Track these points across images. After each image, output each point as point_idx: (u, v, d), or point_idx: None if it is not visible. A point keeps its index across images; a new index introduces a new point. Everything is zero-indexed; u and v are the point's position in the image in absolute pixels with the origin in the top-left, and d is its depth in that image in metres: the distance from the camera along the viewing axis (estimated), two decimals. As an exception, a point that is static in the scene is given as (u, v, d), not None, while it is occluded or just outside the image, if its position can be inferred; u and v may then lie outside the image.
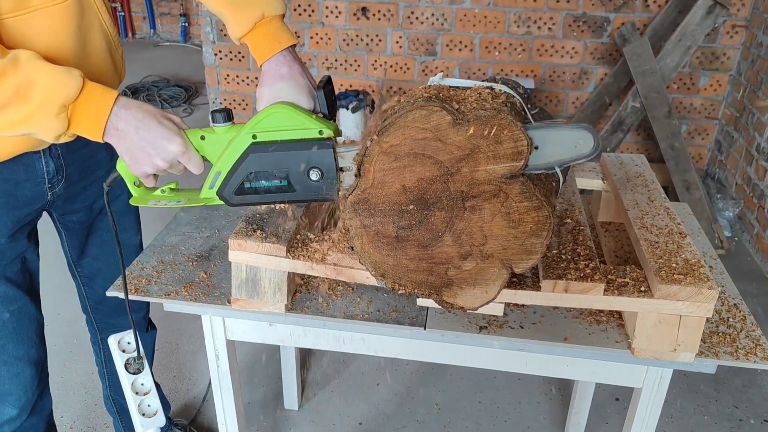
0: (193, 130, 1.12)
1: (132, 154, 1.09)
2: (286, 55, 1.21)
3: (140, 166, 1.09)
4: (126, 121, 1.07)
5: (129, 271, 1.41)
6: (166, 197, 1.16)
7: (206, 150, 1.12)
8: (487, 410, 2.18)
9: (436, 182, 1.00)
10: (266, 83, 1.20)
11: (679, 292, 1.13)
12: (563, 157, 1.01)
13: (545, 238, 1.02)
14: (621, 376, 1.31)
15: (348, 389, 2.25)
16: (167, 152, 1.08)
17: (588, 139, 1.00)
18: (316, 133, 1.08)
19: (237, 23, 1.23)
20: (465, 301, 1.08)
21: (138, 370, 1.31)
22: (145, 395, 1.30)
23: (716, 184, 3.45)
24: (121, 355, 1.32)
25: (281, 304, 1.28)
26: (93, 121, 1.06)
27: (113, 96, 1.07)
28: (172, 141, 1.08)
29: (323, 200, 1.10)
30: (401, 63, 3.66)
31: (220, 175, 1.10)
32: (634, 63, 3.07)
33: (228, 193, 1.11)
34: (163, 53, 6.14)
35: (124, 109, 1.07)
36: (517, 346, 1.26)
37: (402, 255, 1.06)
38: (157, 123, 1.08)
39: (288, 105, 1.11)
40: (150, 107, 1.09)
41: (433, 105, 0.95)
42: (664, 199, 1.44)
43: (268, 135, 1.09)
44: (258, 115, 1.10)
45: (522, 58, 3.57)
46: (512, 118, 0.95)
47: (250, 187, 1.10)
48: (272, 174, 1.09)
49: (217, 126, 1.11)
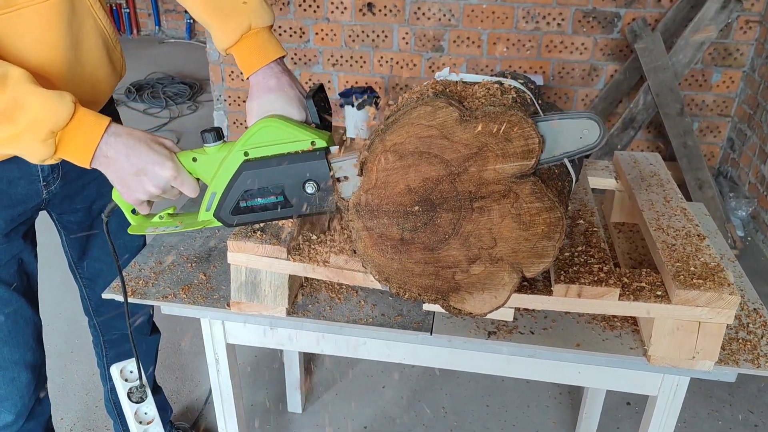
0: (184, 152, 1.09)
1: (123, 182, 1.06)
2: (274, 67, 1.17)
3: (132, 193, 1.07)
4: (116, 149, 1.04)
5: (126, 273, 1.37)
6: (164, 223, 1.13)
7: (199, 172, 1.09)
8: (495, 414, 2.13)
9: (443, 182, 0.95)
10: (255, 96, 1.16)
11: (698, 298, 1.08)
12: (569, 149, 0.96)
13: (558, 240, 0.97)
14: (635, 383, 1.26)
15: (353, 392, 2.20)
16: (159, 178, 1.05)
17: (593, 127, 0.95)
18: (308, 145, 1.04)
19: (223, 34, 1.19)
20: (473, 306, 1.04)
21: (141, 399, 1.28)
22: (149, 424, 1.27)
23: (729, 183, 3.38)
24: (123, 384, 1.29)
25: (282, 308, 1.24)
26: (81, 148, 1.03)
27: (104, 123, 1.03)
28: (163, 166, 1.05)
29: (322, 213, 1.07)
30: (408, 59, 3.61)
31: (216, 197, 1.07)
32: (645, 59, 3.00)
33: (225, 213, 1.08)
34: (167, 50, 6.11)
35: (114, 137, 1.04)
36: (528, 352, 1.21)
37: (407, 258, 1.01)
38: (147, 149, 1.05)
39: (278, 118, 1.07)
40: (140, 133, 1.06)
41: (439, 101, 0.90)
42: (680, 199, 1.39)
43: (260, 151, 1.05)
44: (248, 131, 1.06)
45: (530, 55, 3.51)
46: (523, 115, 0.90)
47: (247, 206, 1.07)
48: (267, 190, 1.05)
49: (208, 146, 1.08)
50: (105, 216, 1.15)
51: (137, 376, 1.34)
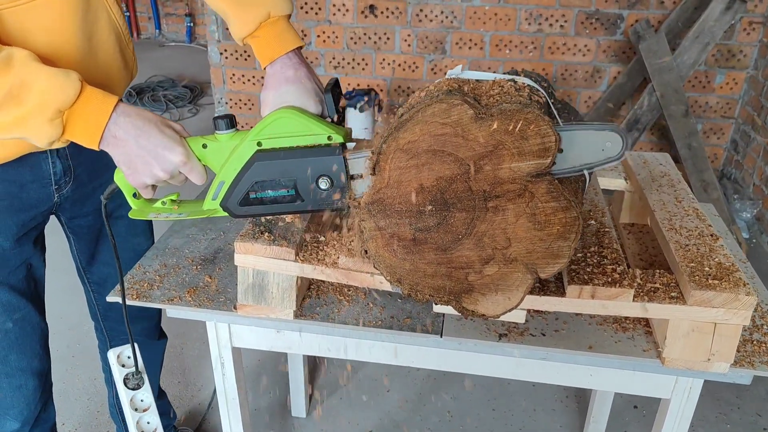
0: (194, 137, 1.06)
1: (130, 164, 1.03)
2: (292, 58, 1.15)
3: (139, 177, 1.04)
4: (125, 129, 1.01)
5: (130, 275, 1.35)
6: (167, 209, 1.10)
7: (208, 159, 1.06)
8: (501, 418, 2.11)
9: (457, 181, 0.94)
10: (271, 87, 1.14)
11: (714, 299, 1.06)
12: (590, 161, 0.94)
13: (573, 240, 0.95)
14: (648, 386, 1.24)
15: (357, 396, 2.18)
16: (168, 162, 1.02)
17: (616, 140, 0.94)
18: (325, 139, 1.02)
19: (241, 22, 1.17)
20: (486, 308, 1.02)
21: (137, 386, 1.25)
22: (144, 411, 1.24)
23: (733, 185, 3.37)
24: (120, 370, 1.26)
25: (289, 311, 1.22)
26: (89, 128, 1.00)
27: (113, 102, 1.00)
28: (173, 150, 1.02)
29: (333, 210, 1.04)
30: (410, 62, 3.60)
31: (224, 186, 1.04)
32: (650, 60, 2.99)
33: (232, 204, 1.05)
34: (168, 53, 6.10)
35: (123, 117, 1.01)
36: (540, 354, 1.19)
37: (419, 259, 0.99)
38: (157, 131, 1.02)
39: (295, 110, 1.05)
40: (150, 114, 1.03)
41: (453, 98, 0.88)
42: (692, 199, 1.37)
43: (274, 142, 1.03)
44: (263, 121, 1.04)
45: (533, 56, 3.50)
46: (539, 113, 0.89)
47: (256, 198, 1.04)
48: (279, 183, 1.03)
49: (220, 133, 1.05)
50: (104, 198, 1.11)
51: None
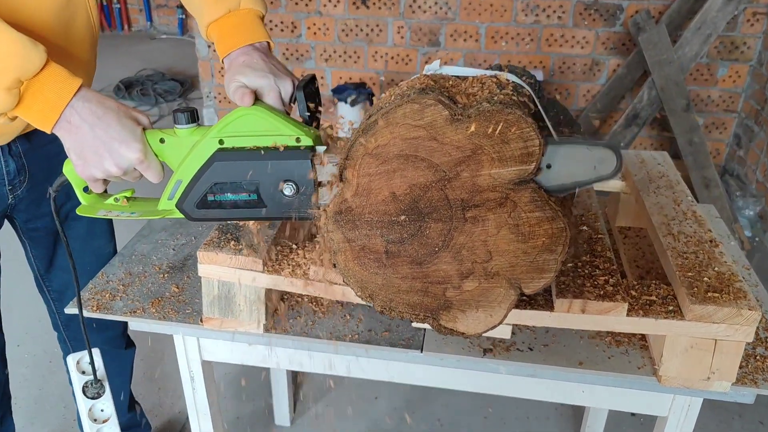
0: (152, 131, 0.97)
1: (81, 154, 0.94)
2: (252, 51, 1.07)
3: (88, 169, 0.95)
4: (81, 116, 0.92)
5: (91, 285, 1.27)
6: (119, 207, 1.01)
7: (166, 155, 0.97)
8: (493, 426, 2.03)
9: (432, 189, 0.85)
10: (227, 77, 1.04)
11: (714, 314, 0.98)
12: (580, 179, 0.86)
13: (560, 253, 0.87)
14: (644, 403, 1.17)
15: (344, 403, 2.10)
16: (122, 158, 0.94)
17: (610, 159, 0.85)
18: (293, 141, 0.93)
19: (209, 7, 1.10)
20: (466, 325, 0.93)
21: (97, 395, 1.16)
22: (104, 423, 1.16)
23: (735, 181, 3.28)
24: (79, 378, 1.18)
25: (259, 324, 1.14)
26: (46, 107, 0.91)
27: (76, 84, 0.91)
28: (130, 146, 0.93)
29: (298, 219, 0.95)
30: (403, 54, 3.50)
31: (181, 185, 0.95)
32: (650, 53, 2.90)
33: (188, 205, 0.96)
34: (159, 46, 6.00)
35: (82, 101, 0.92)
36: (527, 371, 1.11)
37: (392, 273, 0.91)
38: (116, 122, 0.93)
39: (262, 107, 0.96)
40: (112, 102, 0.94)
41: (426, 98, 0.80)
42: (691, 202, 1.29)
43: (237, 140, 0.94)
44: (226, 117, 0.95)
45: (530, 49, 3.40)
46: (521, 113, 0.80)
47: (214, 200, 0.95)
48: (240, 186, 0.94)
49: (180, 128, 0.96)
50: (52, 190, 1.02)
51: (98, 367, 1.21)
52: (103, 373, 1.19)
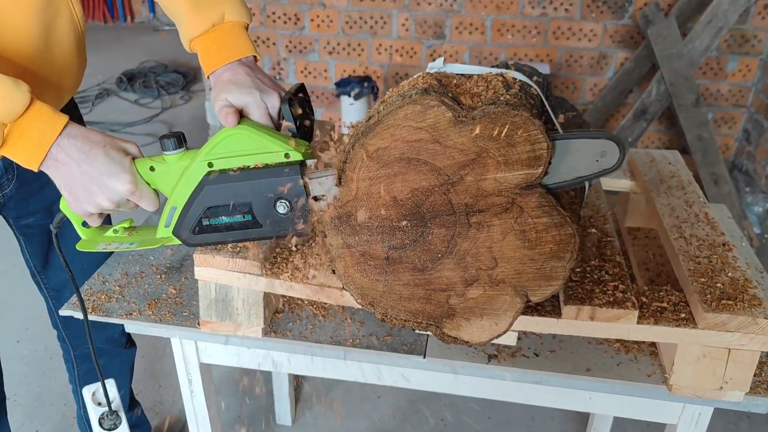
0: (142, 159, 0.95)
1: (72, 191, 0.93)
2: (244, 63, 1.04)
3: (80, 205, 0.94)
4: (67, 153, 0.90)
5: (87, 286, 1.24)
6: (119, 239, 1.00)
7: (158, 182, 0.95)
8: (498, 427, 2.00)
9: (435, 193, 0.82)
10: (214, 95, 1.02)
11: (728, 322, 0.94)
12: (583, 173, 0.83)
13: (568, 260, 0.83)
14: (652, 411, 1.13)
15: (346, 402, 2.08)
16: (112, 191, 0.92)
17: (613, 150, 0.82)
18: (282, 157, 0.90)
19: (192, 22, 1.06)
20: (470, 334, 0.90)
21: (114, 426, 1.15)
22: None
23: (744, 177, 3.23)
24: (95, 409, 1.17)
25: (257, 328, 1.11)
26: (32, 147, 0.89)
27: (62, 122, 0.90)
28: (119, 178, 0.91)
29: (296, 236, 0.93)
30: (407, 47, 3.45)
31: (176, 212, 0.93)
32: (659, 46, 2.84)
33: (185, 232, 0.94)
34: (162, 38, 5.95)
35: (67, 139, 0.90)
36: (533, 378, 1.08)
37: (394, 280, 0.88)
38: (103, 156, 0.91)
39: (248, 126, 0.93)
40: (98, 136, 0.92)
41: (428, 99, 0.76)
42: (703, 203, 1.25)
43: (226, 162, 0.91)
44: (213, 139, 0.92)
45: (537, 42, 3.35)
46: (528, 115, 0.76)
47: (210, 225, 0.93)
48: (233, 208, 0.91)
49: (168, 154, 0.94)
50: (54, 227, 1.03)
51: (113, 398, 1.22)
52: (118, 404, 1.18)
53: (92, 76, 4.82)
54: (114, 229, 1.01)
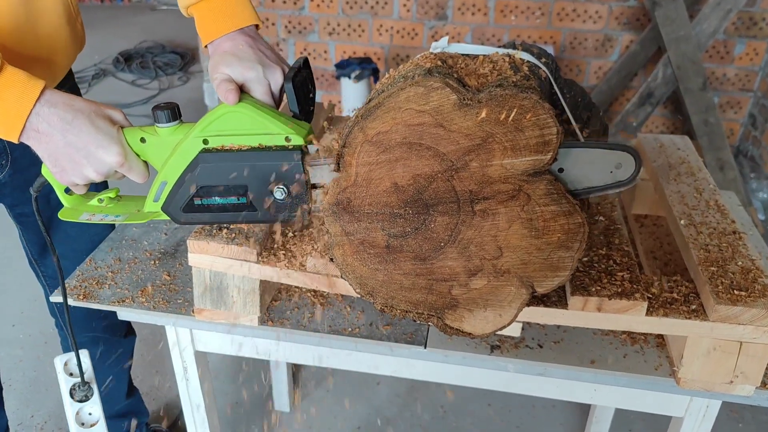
0: (132, 129, 0.90)
1: (57, 162, 0.88)
2: (244, 32, 0.98)
3: (66, 176, 0.89)
4: (49, 123, 0.85)
5: (79, 271, 1.21)
6: (104, 209, 0.96)
7: (148, 155, 0.91)
8: (498, 414, 1.98)
9: (438, 179, 0.78)
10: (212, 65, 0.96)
11: (740, 315, 0.91)
12: (595, 184, 0.80)
13: (577, 250, 0.80)
14: (658, 404, 1.11)
15: (345, 389, 2.06)
16: (101, 163, 0.87)
17: (628, 163, 0.78)
18: (282, 140, 0.86)
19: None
20: (473, 325, 0.87)
21: (85, 397, 1.11)
22: (92, 427, 1.11)
23: (749, 163, 3.18)
24: (66, 380, 1.12)
25: (253, 316, 1.08)
26: (8, 117, 0.84)
27: (37, 89, 0.84)
28: (108, 149, 0.86)
29: (291, 223, 0.89)
30: (409, 28, 3.39)
31: (166, 187, 0.89)
32: (666, 29, 2.78)
33: (174, 209, 0.90)
34: (160, 17, 5.86)
35: (47, 107, 0.84)
36: (536, 370, 1.05)
37: (394, 269, 0.84)
38: (89, 125, 0.86)
39: (248, 103, 0.88)
40: (82, 103, 0.87)
41: (432, 80, 0.72)
42: (713, 190, 1.21)
43: (223, 140, 0.87)
44: (210, 114, 0.88)
45: (541, 23, 3.28)
46: (537, 98, 0.72)
47: (201, 204, 0.89)
48: (228, 189, 0.87)
49: (161, 126, 0.89)
50: (34, 191, 0.96)
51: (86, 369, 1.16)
52: (91, 375, 1.13)
53: (89, 56, 4.75)
54: (99, 198, 0.96)
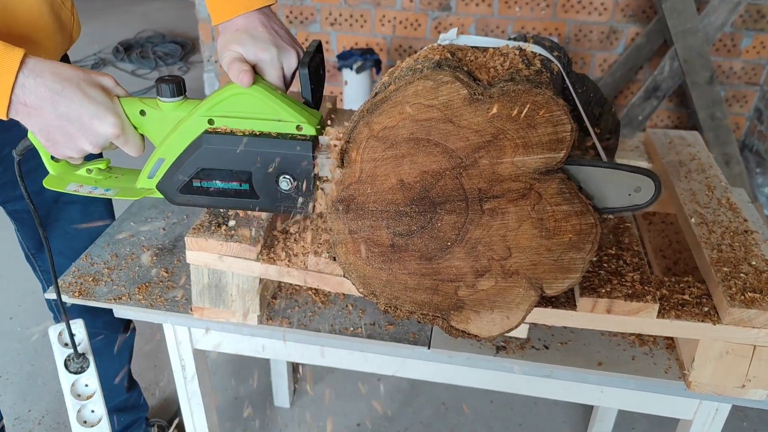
0: (130, 99, 0.86)
1: (48, 136, 0.83)
2: (261, 11, 0.93)
3: (60, 149, 0.84)
4: (37, 94, 0.80)
5: (75, 267, 1.18)
6: (93, 181, 0.90)
7: (147, 128, 0.86)
8: (500, 411, 1.96)
9: (445, 177, 0.75)
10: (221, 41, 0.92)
11: (755, 318, 0.88)
12: (611, 205, 0.78)
13: (589, 252, 0.77)
14: (667, 406, 1.08)
15: (345, 385, 2.03)
16: (96, 135, 0.83)
17: (648, 187, 0.76)
18: (293, 129, 0.82)
19: None
20: (480, 328, 0.84)
21: (81, 369, 1.08)
22: (88, 399, 1.08)
23: (755, 157, 3.15)
24: (61, 351, 1.08)
25: (253, 315, 1.05)
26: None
27: (17, 58, 0.78)
28: (103, 120, 0.82)
29: (294, 214, 0.85)
30: (412, 19, 3.34)
31: (163, 164, 0.85)
32: (674, 21, 2.74)
33: (171, 188, 0.86)
34: (159, 6, 5.80)
35: (33, 78, 0.79)
36: (543, 372, 1.02)
37: (399, 269, 0.82)
38: (81, 94, 0.81)
39: (261, 87, 0.83)
40: (70, 71, 0.81)
41: (442, 74, 0.69)
42: (725, 187, 1.18)
43: (230, 122, 0.83)
44: (218, 93, 0.83)
45: (545, 15, 3.24)
46: (551, 94, 0.69)
47: (200, 187, 0.85)
48: (231, 174, 0.83)
49: (164, 101, 0.85)
50: (17, 154, 0.90)
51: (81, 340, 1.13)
52: (86, 346, 1.10)
53: (88, 45, 4.71)
54: (87, 169, 0.91)
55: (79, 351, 1.10)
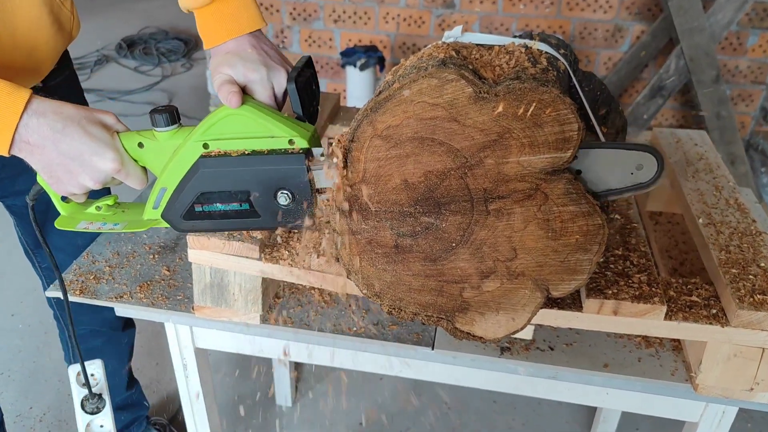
0: (128, 134, 0.86)
1: (51, 173, 0.84)
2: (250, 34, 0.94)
3: (63, 186, 0.85)
4: (39, 133, 0.81)
5: (76, 265, 1.17)
6: (102, 217, 0.92)
7: (146, 160, 0.87)
8: (503, 411, 1.95)
9: (450, 177, 0.74)
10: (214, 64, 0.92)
11: (764, 320, 0.87)
12: (614, 186, 0.76)
13: (596, 253, 0.76)
14: (673, 409, 1.07)
15: (348, 384, 2.02)
16: (97, 171, 0.83)
17: (650, 163, 0.74)
18: (285, 143, 0.82)
19: None
20: (485, 329, 0.83)
21: (96, 409, 1.08)
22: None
23: (760, 156, 3.13)
24: (79, 390, 1.09)
25: (255, 314, 1.04)
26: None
27: (23, 100, 0.79)
28: (103, 156, 0.82)
29: (296, 229, 0.85)
30: (415, 16, 3.33)
31: (165, 193, 0.85)
32: (680, 19, 2.72)
33: (174, 216, 0.86)
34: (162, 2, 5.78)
35: (36, 118, 0.80)
36: (548, 373, 1.01)
37: (403, 270, 0.81)
38: (82, 132, 0.82)
39: (251, 107, 0.84)
40: (71, 110, 0.82)
41: (447, 72, 0.68)
42: (733, 188, 1.17)
43: (224, 144, 0.83)
44: (210, 117, 0.83)
45: (550, 13, 3.22)
46: (558, 92, 0.68)
47: (202, 211, 0.85)
48: (230, 195, 0.83)
49: (159, 131, 0.85)
50: (30, 200, 0.93)
51: (98, 381, 1.14)
52: (102, 386, 1.10)
53: (91, 41, 4.70)
54: (97, 206, 0.93)
55: (95, 392, 1.11)
